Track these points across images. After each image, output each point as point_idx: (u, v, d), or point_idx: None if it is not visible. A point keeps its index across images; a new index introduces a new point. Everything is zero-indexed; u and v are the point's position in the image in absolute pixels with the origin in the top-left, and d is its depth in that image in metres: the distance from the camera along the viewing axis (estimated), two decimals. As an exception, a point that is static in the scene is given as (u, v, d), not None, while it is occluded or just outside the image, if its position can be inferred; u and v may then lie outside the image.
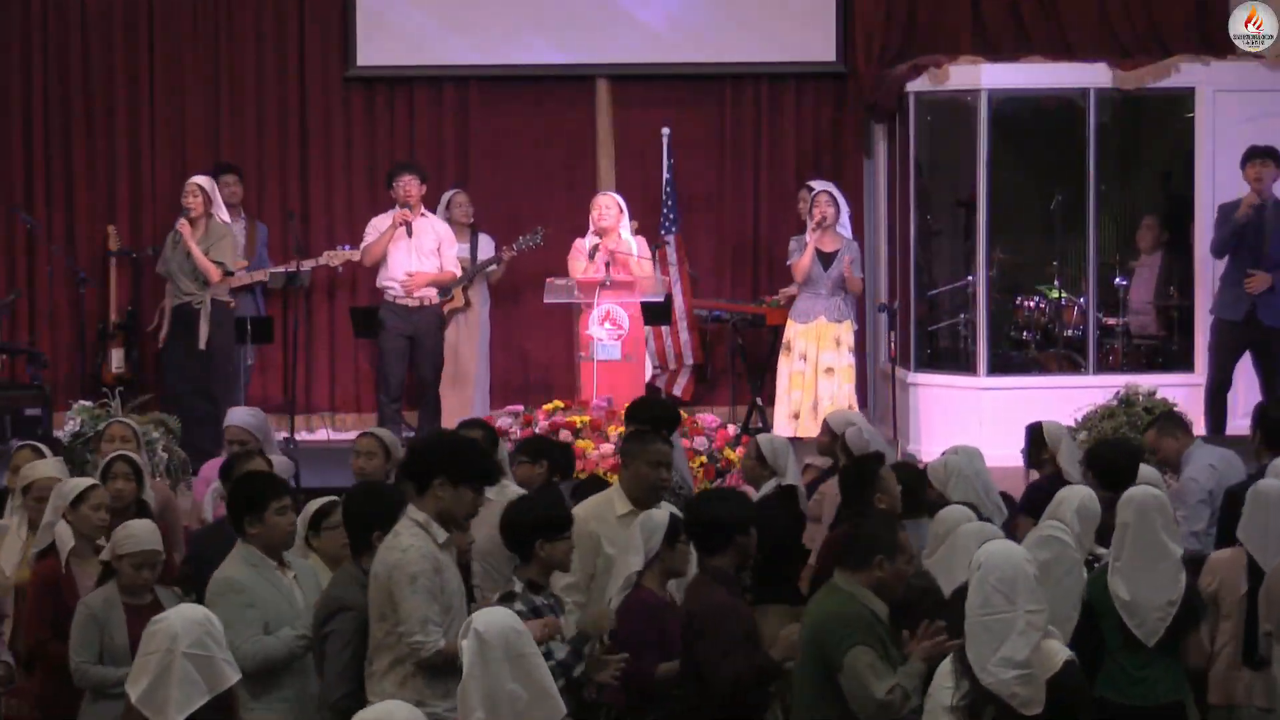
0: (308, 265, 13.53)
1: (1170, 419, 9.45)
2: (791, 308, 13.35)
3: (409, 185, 12.98)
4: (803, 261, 13.12)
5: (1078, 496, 7.36)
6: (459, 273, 13.32)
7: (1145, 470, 8.15)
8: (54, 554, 7.47)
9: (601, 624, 6.65)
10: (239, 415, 9.43)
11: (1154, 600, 6.95)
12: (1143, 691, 6.95)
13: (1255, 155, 12.41)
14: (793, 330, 13.25)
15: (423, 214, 13.13)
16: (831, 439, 9.04)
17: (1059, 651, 5.85)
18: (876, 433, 9.42)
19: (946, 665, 5.89)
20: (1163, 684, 6.97)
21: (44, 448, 8.74)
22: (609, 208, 12.94)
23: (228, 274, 12.80)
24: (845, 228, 13.40)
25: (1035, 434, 9.08)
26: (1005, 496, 8.44)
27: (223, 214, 12.80)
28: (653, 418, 8.68)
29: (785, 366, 13.28)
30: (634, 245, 12.97)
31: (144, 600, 7.07)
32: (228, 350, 12.98)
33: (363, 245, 13.23)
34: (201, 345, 12.70)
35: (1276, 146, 12.58)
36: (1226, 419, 12.43)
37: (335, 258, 13.56)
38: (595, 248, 12.73)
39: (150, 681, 5.32)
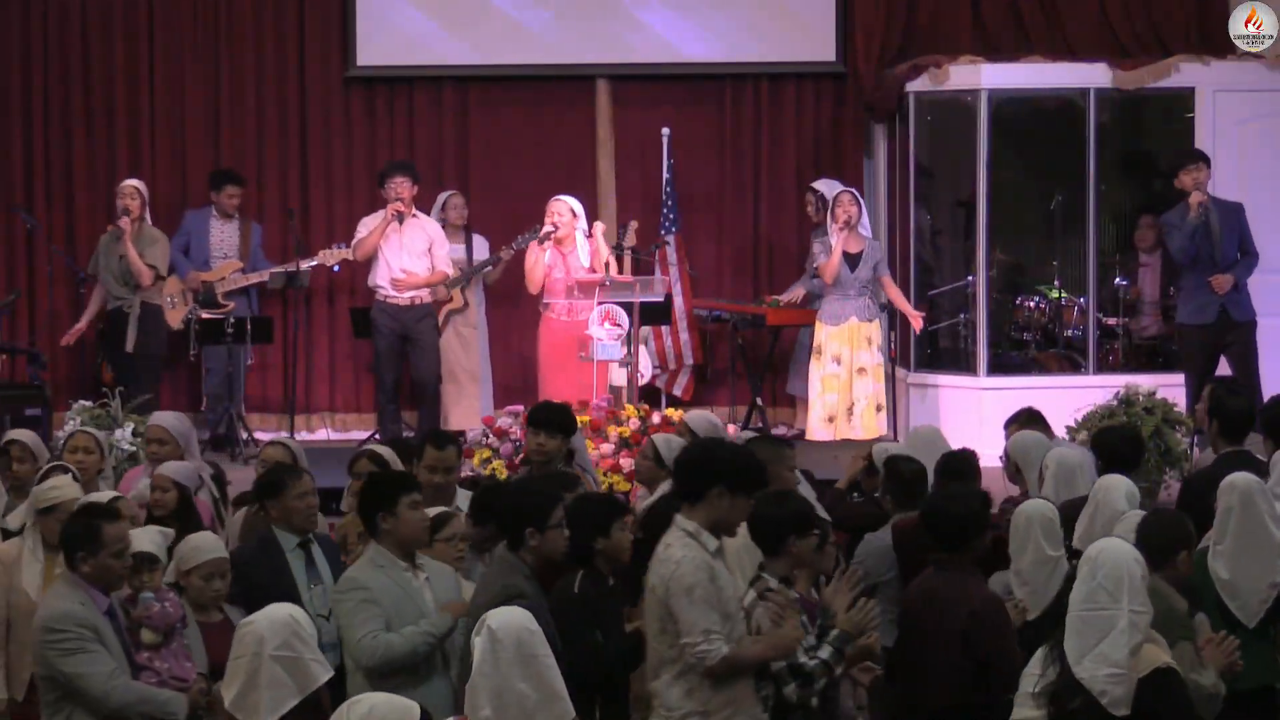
0: (304, 265, 13.53)
1: (1033, 417, 9.48)
2: (820, 310, 13.30)
3: (400, 186, 13.05)
4: (832, 264, 13.10)
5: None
6: (451, 272, 13.33)
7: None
8: None
9: (863, 623, 6.64)
10: (163, 416, 9.25)
11: (1256, 582, 7.03)
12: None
13: (1188, 160, 12.57)
14: (823, 333, 13.21)
15: (414, 214, 13.15)
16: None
17: (1158, 657, 5.85)
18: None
19: (1040, 652, 5.91)
20: (1255, 667, 6.94)
21: (69, 466, 8.56)
22: (562, 215, 12.95)
23: (159, 278, 13.02)
24: (866, 228, 13.39)
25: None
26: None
27: (147, 218, 13.03)
28: (552, 421, 8.73)
29: (817, 370, 13.24)
30: (585, 251, 12.98)
31: (214, 619, 6.95)
32: (155, 355, 13.14)
33: (354, 240, 13.26)
34: (129, 348, 12.81)
35: (1274, 147, 12.62)
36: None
37: (331, 256, 13.57)
38: (545, 235, 12.83)
39: (241, 685, 5.32)
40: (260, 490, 7.64)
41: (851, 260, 13.10)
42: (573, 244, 12.95)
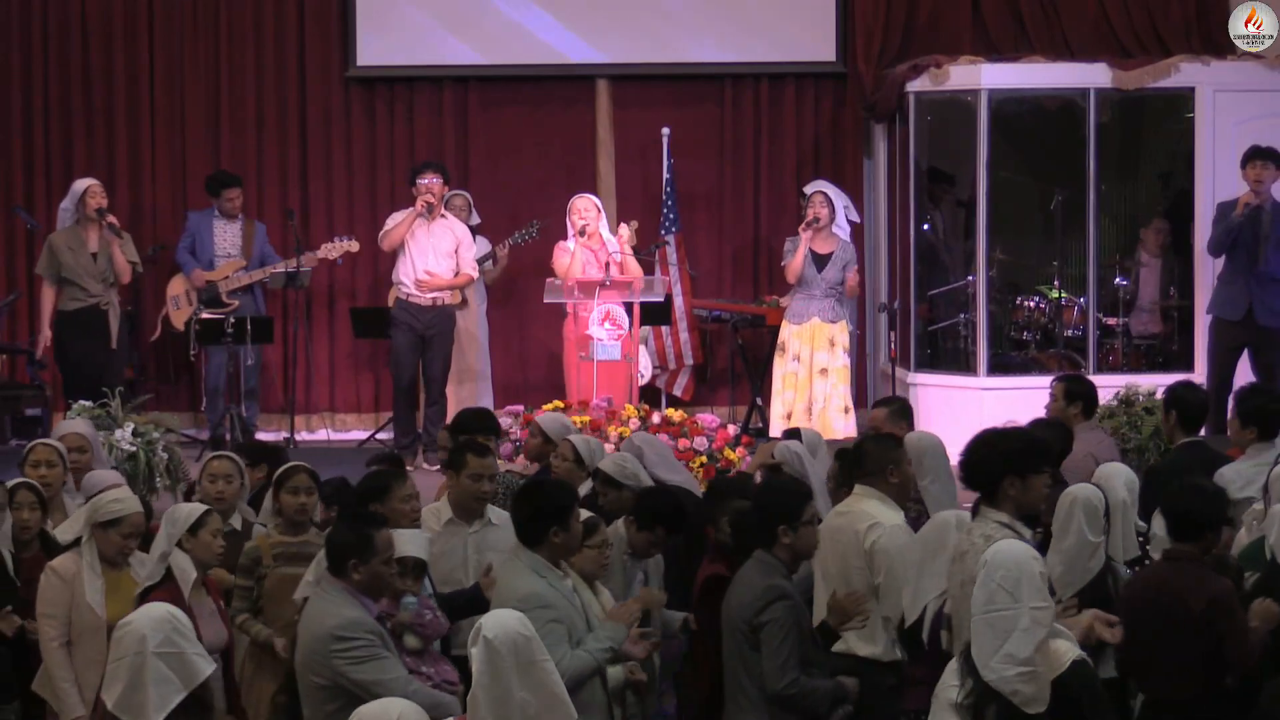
0: (307, 261, 13.52)
1: (904, 410, 9.58)
2: (787, 309, 13.36)
3: (433, 183, 13.02)
4: (794, 263, 13.14)
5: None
6: (475, 275, 13.33)
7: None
8: (169, 587, 6.93)
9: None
10: (78, 424, 9.00)
11: None
12: None
13: (1256, 156, 12.40)
14: (787, 331, 13.27)
15: (443, 214, 13.14)
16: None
17: (1068, 651, 5.84)
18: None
19: (954, 663, 5.90)
20: None
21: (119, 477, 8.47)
22: (588, 210, 12.95)
23: (136, 273, 13.06)
24: (843, 229, 13.38)
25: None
26: None
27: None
28: (479, 428, 8.80)
29: (779, 367, 13.30)
30: (615, 244, 13.00)
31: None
32: (126, 353, 13.18)
33: (381, 232, 13.22)
34: (114, 345, 12.80)
35: (1277, 147, 12.59)
36: (1223, 419, 12.42)
37: (334, 249, 13.57)
38: (580, 229, 12.85)
39: (125, 686, 5.34)
40: (365, 493, 7.57)
41: (820, 260, 13.10)
42: (599, 239, 12.94)
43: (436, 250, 13.06)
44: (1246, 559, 7.35)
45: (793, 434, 8.81)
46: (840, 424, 13.05)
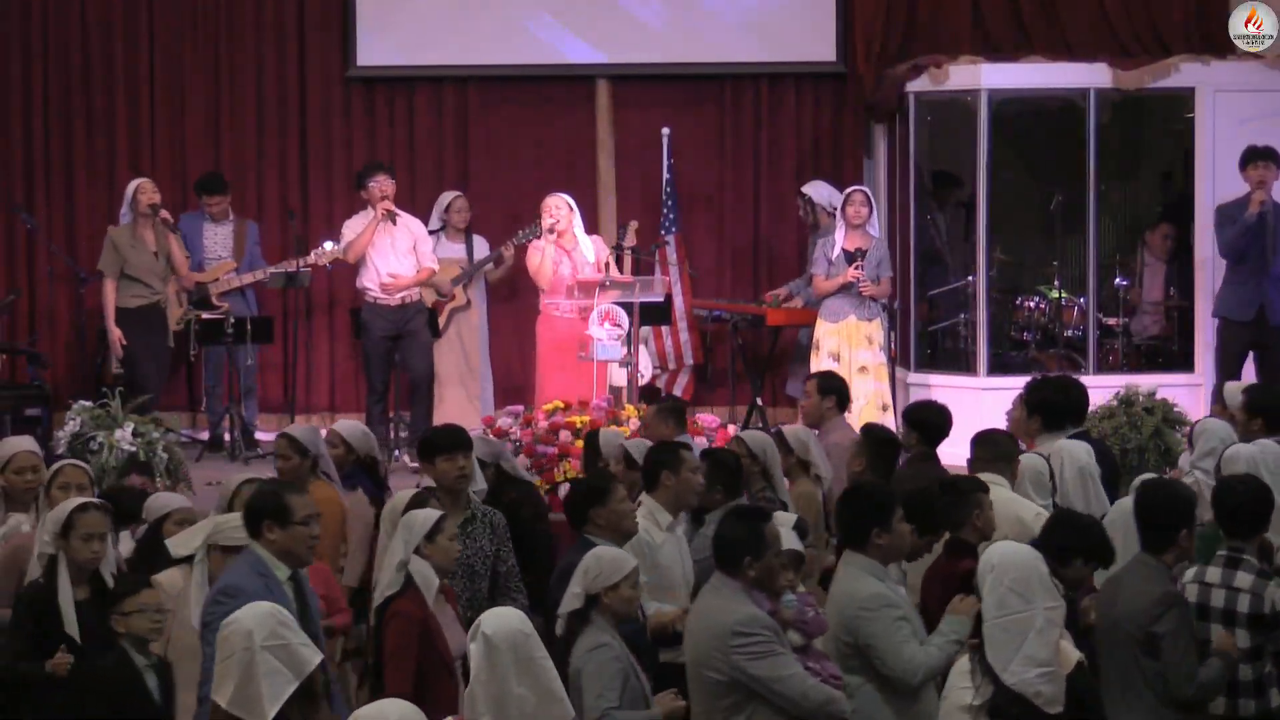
0: (294, 265, 13.48)
1: (674, 410, 9.79)
2: (821, 306, 13.22)
3: (384, 185, 13.08)
4: (828, 285, 13.00)
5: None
6: (435, 267, 13.33)
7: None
8: (411, 595, 6.86)
9: None
10: (24, 441, 8.62)
11: None
12: None
13: (1257, 156, 12.41)
14: (822, 329, 13.13)
15: (397, 213, 13.18)
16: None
17: (1071, 651, 5.89)
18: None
19: (963, 665, 5.91)
20: None
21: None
22: (559, 208, 12.94)
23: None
24: (874, 227, 13.31)
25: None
26: None
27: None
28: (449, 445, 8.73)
29: (815, 367, 13.21)
30: (589, 246, 12.99)
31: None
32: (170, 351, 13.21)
33: (343, 244, 13.25)
34: (171, 344, 12.82)
35: (1275, 147, 12.59)
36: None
37: (323, 256, 13.57)
38: (549, 228, 12.84)
39: (237, 682, 5.31)
40: (586, 497, 7.55)
41: (853, 258, 13.06)
42: (574, 240, 12.95)
43: (396, 250, 13.12)
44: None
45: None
46: (883, 422, 13.05)
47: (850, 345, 13.06)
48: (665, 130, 14.31)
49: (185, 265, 13.09)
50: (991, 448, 8.34)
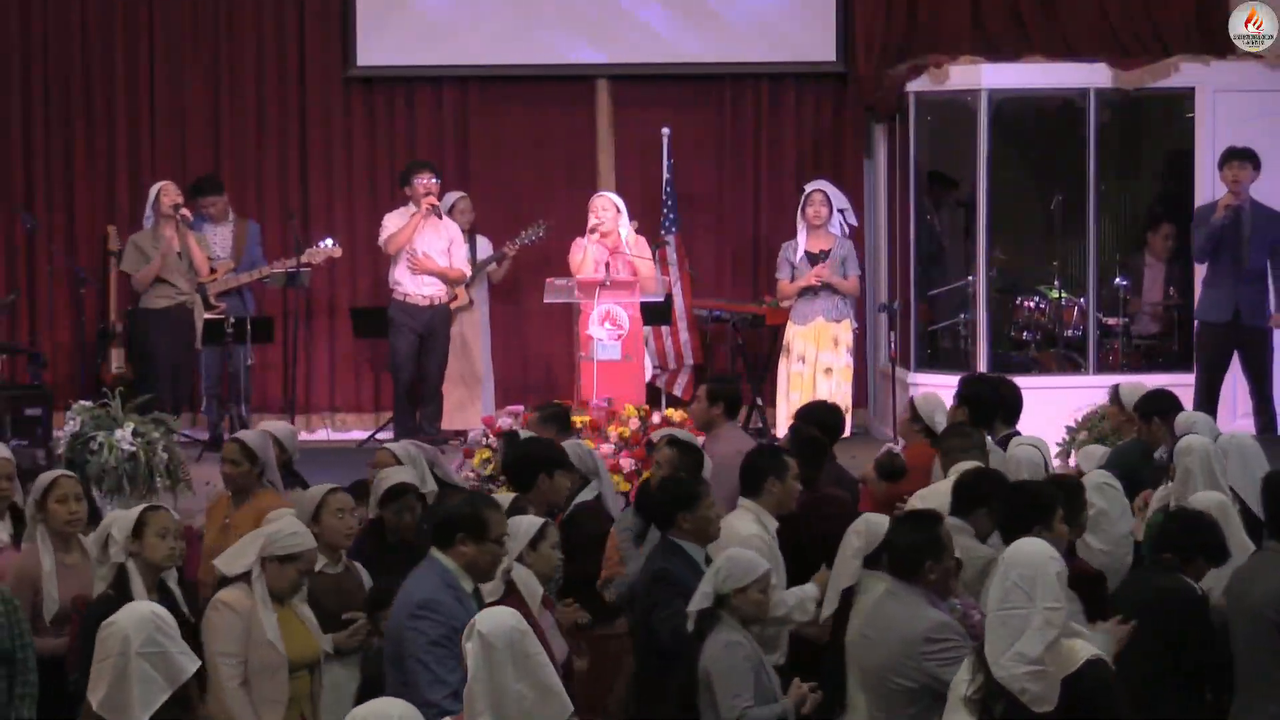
0: (292, 265, 13.48)
1: (556, 415, 9.91)
2: (791, 309, 13.33)
3: (429, 183, 13.15)
4: (791, 288, 13.05)
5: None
6: (468, 273, 13.38)
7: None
8: (512, 601, 6.68)
9: None
10: (1, 449, 8.40)
11: None
12: None
13: (1233, 157, 12.43)
14: (791, 332, 13.26)
15: (440, 209, 13.22)
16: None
17: (1082, 650, 5.87)
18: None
19: (969, 659, 5.92)
20: None
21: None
22: (606, 209, 12.95)
23: (211, 272, 13.03)
24: (835, 226, 13.35)
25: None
26: None
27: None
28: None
29: (785, 368, 13.30)
30: (631, 247, 12.99)
31: None
32: (200, 352, 13.18)
33: (383, 238, 13.26)
34: (199, 345, 12.78)
35: (1275, 147, 12.60)
36: (1217, 420, 12.42)
37: (317, 255, 13.57)
38: (592, 229, 12.79)
39: (109, 686, 5.34)
40: (675, 501, 7.48)
41: (816, 260, 13.08)
42: (618, 239, 12.93)
43: (431, 250, 13.17)
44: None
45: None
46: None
47: (818, 347, 13.09)
48: (665, 130, 14.30)
49: (205, 265, 13.04)
50: (963, 439, 8.49)
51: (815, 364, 13.06)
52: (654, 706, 7.12)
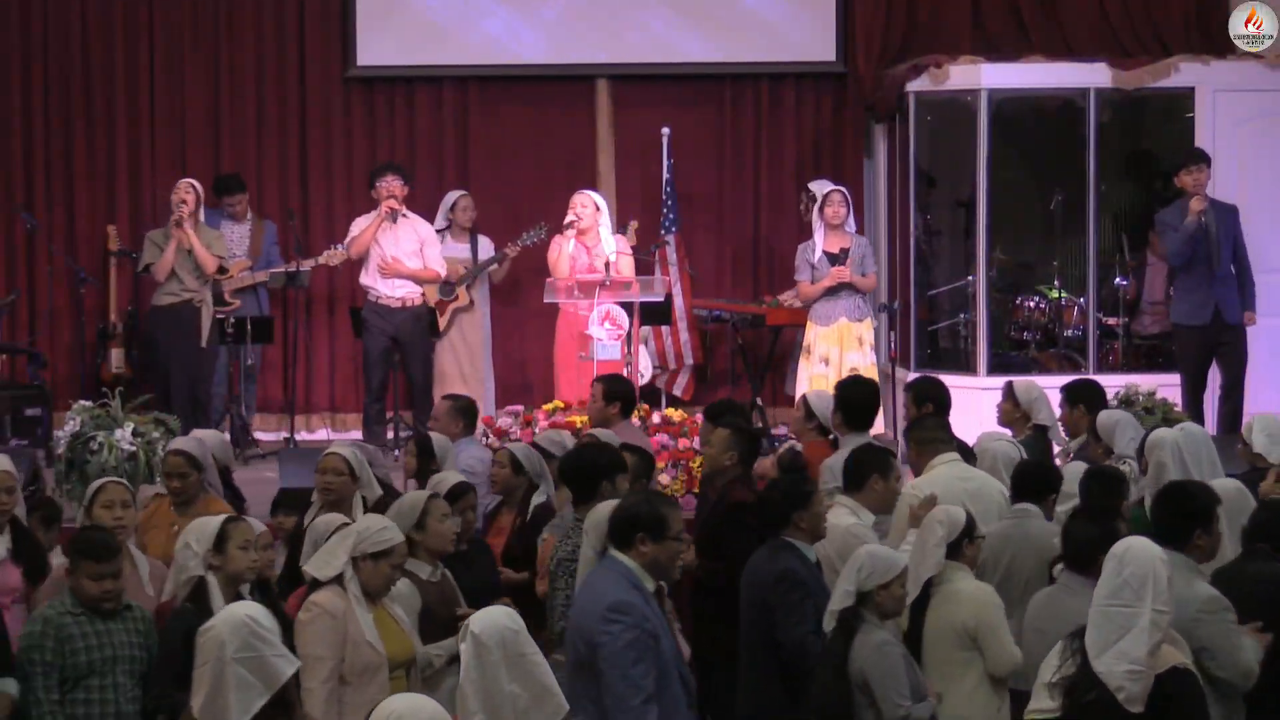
0: (306, 265, 13.55)
1: (466, 409, 10.02)
2: (810, 310, 13.21)
3: (392, 185, 13.11)
4: (813, 290, 12.99)
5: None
6: (443, 272, 13.35)
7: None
8: None
9: None
10: (4, 461, 8.14)
11: None
12: None
13: (1189, 160, 12.45)
14: (813, 333, 13.09)
15: (405, 214, 13.18)
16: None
17: (1174, 656, 5.88)
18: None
19: (1060, 644, 5.93)
20: None
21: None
22: (585, 206, 12.93)
23: (221, 270, 12.87)
24: (852, 225, 13.32)
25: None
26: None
27: (201, 218, 12.81)
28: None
29: (805, 370, 13.16)
30: (613, 244, 12.98)
31: None
32: (216, 350, 13.07)
33: (347, 240, 13.27)
34: (204, 343, 12.75)
35: (1275, 147, 12.60)
36: (1204, 420, 12.43)
37: (334, 256, 13.57)
38: (566, 225, 12.81)
39: (208, 692, 5.29)
40: (789, 499, 7.42)
41: (835, 260, 13.06)
42: (596, 237, 12.92)
43: (401, 250, 13.14)
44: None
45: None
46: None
47: (842, 348, 13.04)
48: (665, 130, 14.31)
49: (210, 261, 12.81)
50: (935, 430, 8.62)
51: (840, 365, 12.95)
52: (762, 703, 7.12)
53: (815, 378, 13.10)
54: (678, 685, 6.25)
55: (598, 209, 12.94)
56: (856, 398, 9.31)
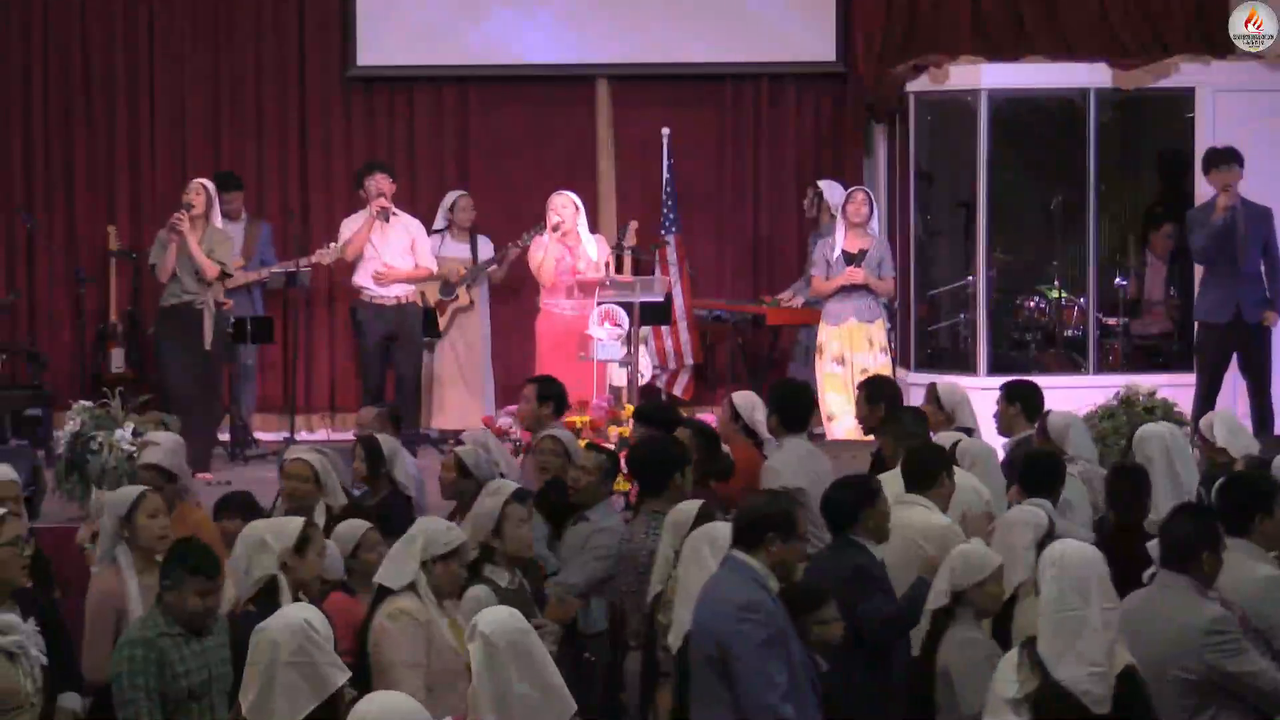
0: (303, 265, 13.51)
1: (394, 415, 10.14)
2: (823, 310, 13.19)
3: (381, 183, 13.11)
4: (824, 287, 12.98)
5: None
6: (434, 269, 13.34)
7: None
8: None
9: None
10: (4, 470, 8.01)
11: None
12: None
13: (1219, 160, 12.40)
14: (825, 333, 13.07)
15: (395, 212, 13.18)
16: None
17: (1122, 653, 5.90)
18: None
19: (1012, 658, 5.93)
20: None
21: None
22: (565, 207, 12.92)
23: (225, 275, 12.80)
24: (875, 226, 13.29)
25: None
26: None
27: (218, 220, 12.72)
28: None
29: (819, 369, 13.16)
30: (593, 245, 12.97)
31: None
32: (223, 353, 13.00)
33: (340, 242, 13.25)
34: (207, 346, 12.71)
35: (1275, 147, 12.60)
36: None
37: (327, 255, 13.56)
38: (554, 226, 12.80)
39: (258, 693, 5.24)
40: (859, 498, 7.36)
41: (854, 260, 13.03)
42: (577, 238, 12.93)
43: (392, 249, 13.13)
44: None
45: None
46: None
47: (853, 348, 13.03)
48: (665, 130, 14.31)
49: (207, 264, 12.70)
50: (910, 424, 8.80)
51: (852, 364, 12.95)
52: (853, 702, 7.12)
53: (828, 376, 13.10)
54: (807, 685, 6.31)
55: (577, 209, 12.94)
56: (792, 399, 9.32)
